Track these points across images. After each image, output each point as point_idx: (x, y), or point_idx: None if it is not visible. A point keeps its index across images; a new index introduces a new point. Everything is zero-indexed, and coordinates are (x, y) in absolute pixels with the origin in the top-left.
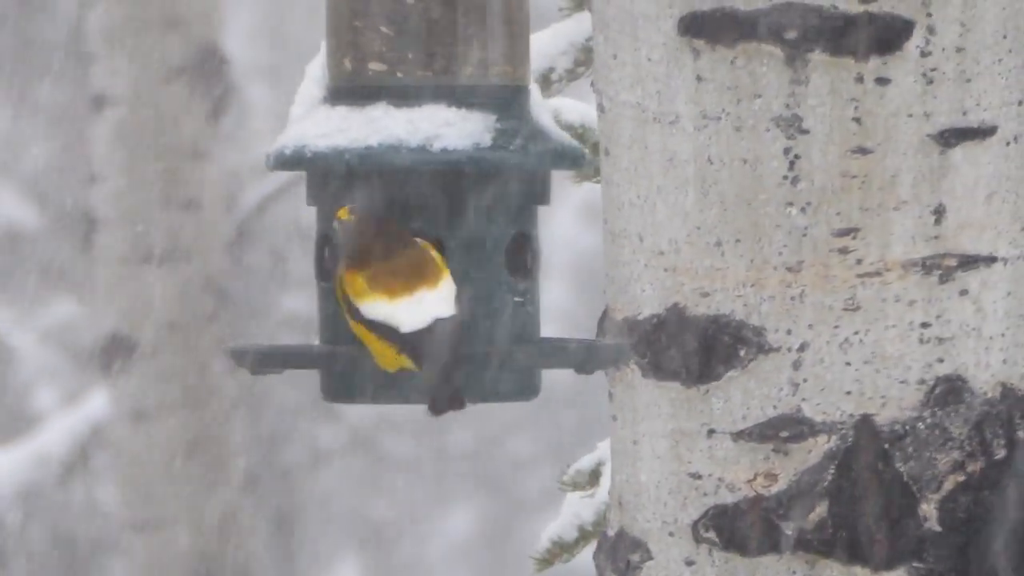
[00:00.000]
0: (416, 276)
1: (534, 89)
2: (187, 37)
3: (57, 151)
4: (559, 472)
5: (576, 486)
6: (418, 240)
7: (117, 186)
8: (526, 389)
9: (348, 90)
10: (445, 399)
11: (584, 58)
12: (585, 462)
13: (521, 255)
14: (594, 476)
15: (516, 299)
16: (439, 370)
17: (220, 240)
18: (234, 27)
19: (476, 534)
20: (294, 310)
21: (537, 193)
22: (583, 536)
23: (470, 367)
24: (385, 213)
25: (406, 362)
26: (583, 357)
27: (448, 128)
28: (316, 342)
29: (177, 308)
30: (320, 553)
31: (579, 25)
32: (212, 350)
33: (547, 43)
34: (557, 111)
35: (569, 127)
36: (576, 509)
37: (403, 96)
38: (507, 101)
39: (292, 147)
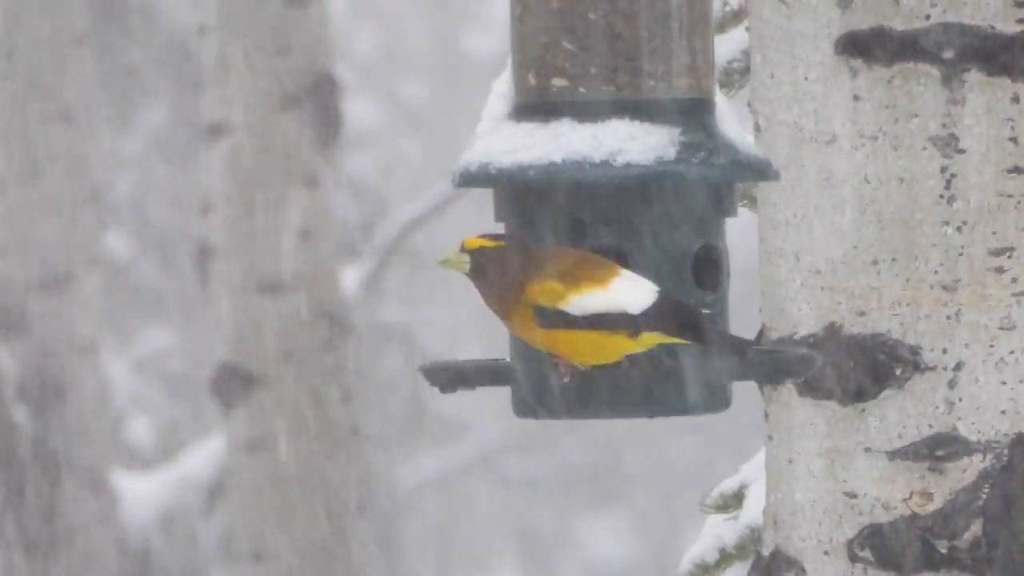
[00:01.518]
0: (607, 266)
1: (721, 100)
2: (300, 64)
3: (169, 180)
4: (702, 494)
5: (719, 508)
6: (572, 248)
7: (230, 215)
8: (715, 402)
9: (533, 106)
10: (728, 343)
11: (725, 80)
12: (728, 484)
13: (708, 267)
14: (737, 498)
15: (705, 311)
16: (708, 331)
17: (333, 267)
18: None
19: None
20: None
21: (723, 205)
22: (724, 559)
23: (667, 378)
24: (531, 237)
25: (634, 346)
26: (772, 368)
27: (632, 142)
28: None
29: (291, 337)
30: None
31: (720, 47)
32: (326, 378)
33: None
34: None
35: None
36: (718, 531)
37: (586, 111)
38: (691, 113)
39: (477, 164)
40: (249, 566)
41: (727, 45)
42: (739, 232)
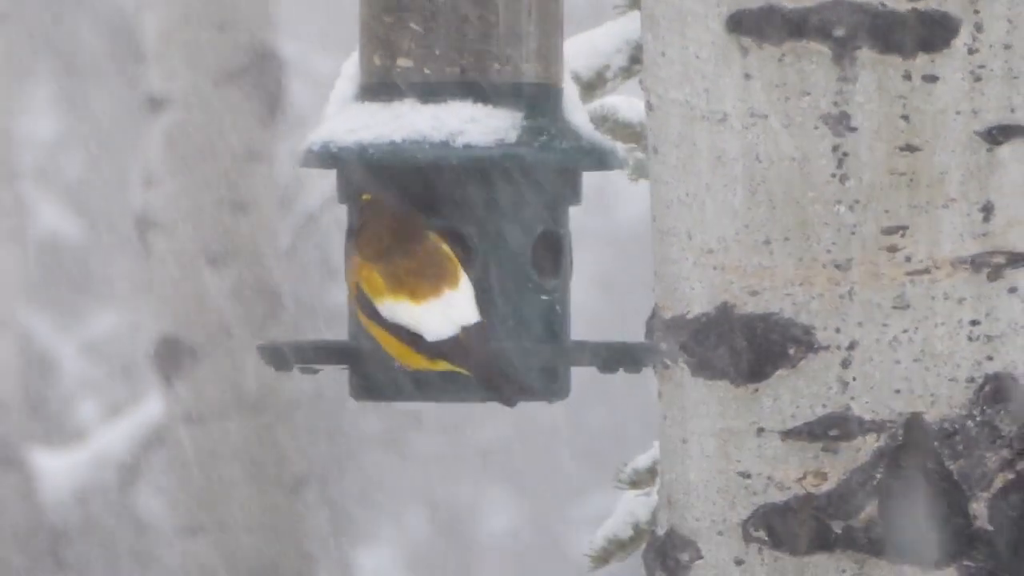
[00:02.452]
0: (438, 275)
1: (570, 88)
2: (241, 39)
3: (109, 155)
4: (616, 470)
5: (633, 484)
6: (431, 233)
7: (171, 189)
8: (554, 389)
9: (377, 87)
10: (508, 391)
11: (639, 56)
12: (641, 460)
13: (549, 254)
14: (651, 474)
15: (543, 297)
16: (493, 375)
17: (274, 242)
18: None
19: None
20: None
21: (567, 192)
22: (638, 535)
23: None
24: (407, 203)
25: (433, 364)
26: (606, 355)
27: (473, 124)
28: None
29: (232, 310)
30: (373, 548)
31: (634, 23)
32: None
33: (602, 41)
34: (614, 109)
35: (627, 125)
36: (631, 507)
37: (430, 93)
38: (537, 99)
39: (320, 144)
40: (190, 541)
41: (639, 22)
42: (634, 209)
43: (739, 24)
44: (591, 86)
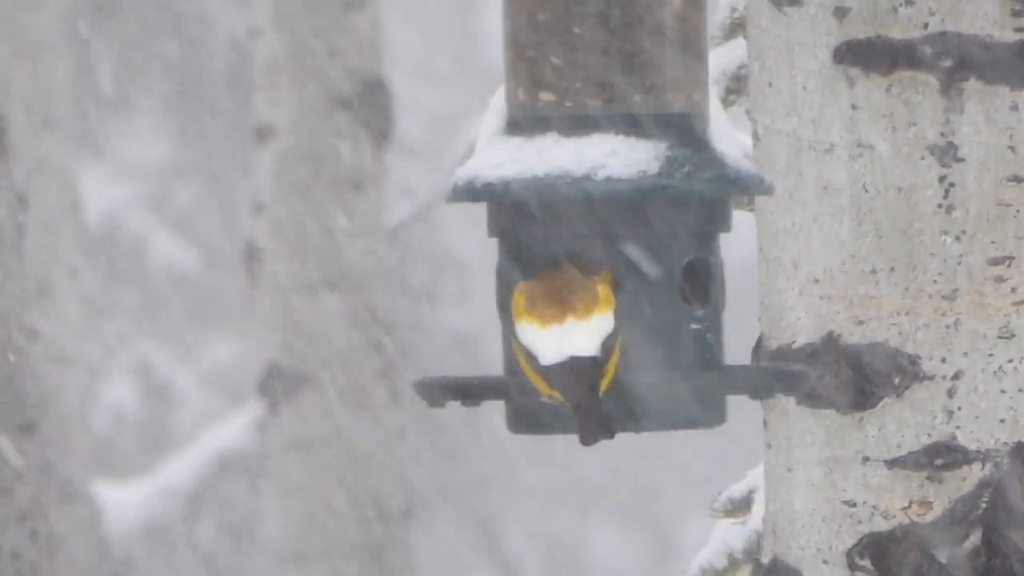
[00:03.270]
0: (569, 303)
1: (718, 115)
2: (350, 68)
3: (219, 182)
4: (710, 500)
5: (727, 513)
6: (595, 276)
7: (279, 216)
8: (708, 417)
9: (522, 121)
10: (590, 431)
11: (735, 86)
12: (736, 490)
13: (699, 282)
14: (745, 504)
15: (693, 326)
16: (575, 408)
17: (382, 269)
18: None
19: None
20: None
21: (716, 220)
22: (732, 564)
23: (633, 396)
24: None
25: (548, 391)
26: (757, 383)
27: (615, 157)
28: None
29: (339, 338)
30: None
31: (730, 53)
32: (374, 379)
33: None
34: None
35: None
36: (726, 536)
37: (572, 126)
38: (680, 128)
39: (465, 179)
40: (295, 568)
41: (739, 51)
42: (740, 241)
43: (846, 55)
44: None
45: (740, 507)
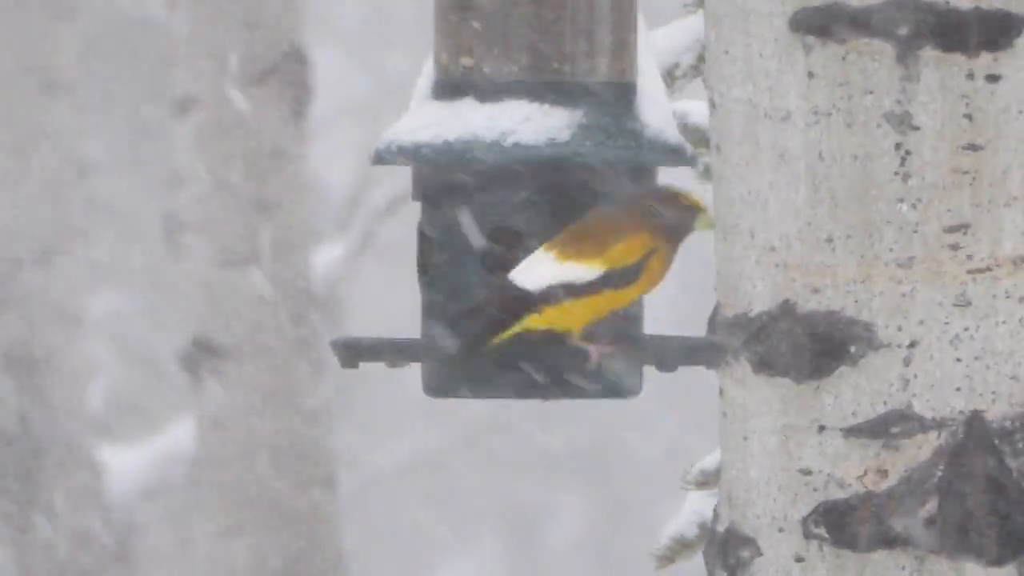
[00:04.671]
0: (573, 241)
1: (650, 85)
2: (269, 39)
3: (140, 155)
4: (682, 471)
5: (699, 485)
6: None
7: (199, 189)
8: (622, 387)
9: (444, 85)
10: (460, 347)
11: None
12: (708, 461)
13: None
14: (717, 475)
15: None
16: (461, 317)
17: (304, 241)
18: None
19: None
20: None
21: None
22: (704, 534)
23: (557, 365)
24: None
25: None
26: (665, 353)
27: (526, 123)
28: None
29: (263, 310)
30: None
31: (702, 21)
32: (296, 352)
33: (671, 39)
34: (685, 113)
35: (697, 130)
36: (698, 507)
37: (489, 91)
38: (601, 97)
39: (384, 143)
40: (219, 540)
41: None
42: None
43: (803, 22)
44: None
45: (712, 479)
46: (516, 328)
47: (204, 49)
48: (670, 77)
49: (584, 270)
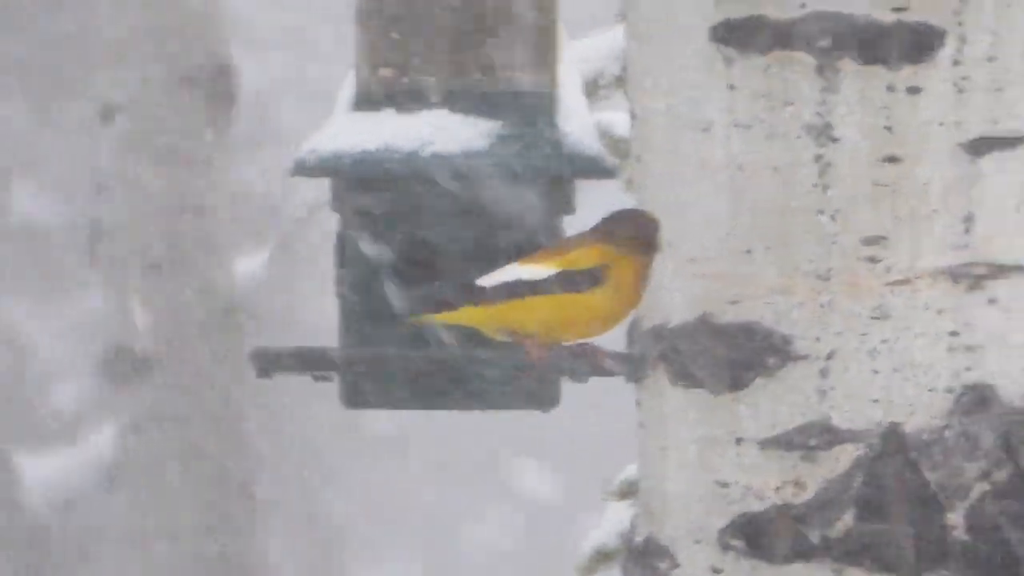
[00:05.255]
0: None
1: (570, 96)
2: (194, 47)
3: (70, 159)
4: (604, 481)
5: (621, 496)
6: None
7: (124, 195)
8: (541, 399)
9: (365, 96)
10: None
11: None
12: (630, 471)
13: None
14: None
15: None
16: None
17: (226, 247)
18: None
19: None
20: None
21: (557, 202)
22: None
23: (468, 376)
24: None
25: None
26: (574, 365)
27: (444, 133)
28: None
29: (183, 316)
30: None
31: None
32: (219, 358)
33: (595, 49)
34: (610, 125)
35: (622, 140)
36: (620, 517)
37: (410, 101)
38: (520, 107)
39: (304, 154)
40: (143, 544)
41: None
42: None
43: (724, 34)
44: (585, 94)
45: (634, 489)
46: (462, 315)
47: (128, 57)
48: (594, 87)
49: (539, 270)
